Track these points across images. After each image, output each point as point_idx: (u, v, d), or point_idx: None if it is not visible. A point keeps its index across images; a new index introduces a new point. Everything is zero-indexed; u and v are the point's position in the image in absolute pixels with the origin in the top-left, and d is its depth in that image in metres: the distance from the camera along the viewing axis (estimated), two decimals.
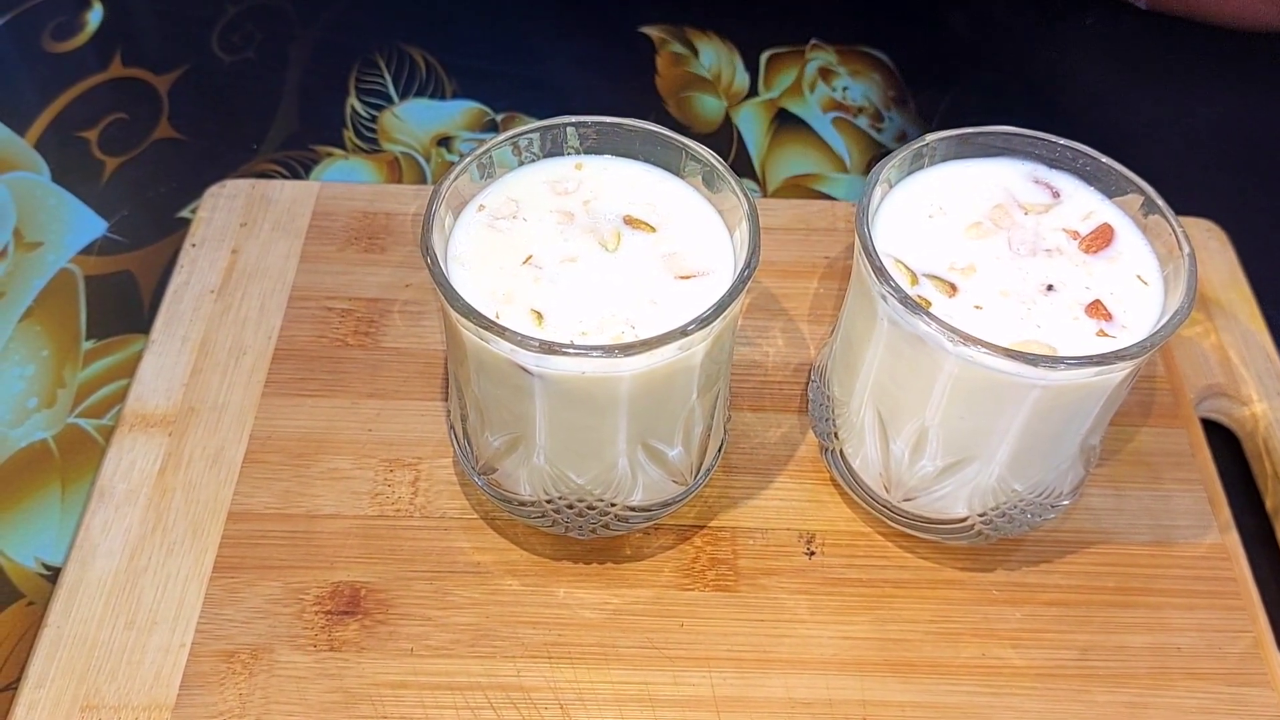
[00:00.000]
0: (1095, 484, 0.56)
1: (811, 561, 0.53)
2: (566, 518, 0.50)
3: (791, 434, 0.58)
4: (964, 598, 0.52)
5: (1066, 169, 0.51)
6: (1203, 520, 0.55)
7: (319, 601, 0.51)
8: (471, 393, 0.48)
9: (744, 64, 0.81)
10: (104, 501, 0.54)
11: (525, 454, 0.48)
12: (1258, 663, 0.51)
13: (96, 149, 0.73)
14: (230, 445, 0.56)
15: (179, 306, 0.61)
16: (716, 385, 0.49)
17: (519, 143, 0.50)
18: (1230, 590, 0.53)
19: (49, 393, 0.61)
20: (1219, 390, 0.61)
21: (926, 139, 0.50)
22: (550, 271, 0.47)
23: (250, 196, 0.66)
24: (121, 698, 0.48)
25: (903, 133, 0.77)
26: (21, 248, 0.67)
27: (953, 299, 0.46)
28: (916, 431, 0.48)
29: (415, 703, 0.48)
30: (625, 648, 0.50)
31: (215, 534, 0.53)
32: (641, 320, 0.45)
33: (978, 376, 0.45)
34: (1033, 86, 0.79)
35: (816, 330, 0.62)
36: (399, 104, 0.77)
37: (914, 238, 0.49)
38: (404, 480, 0.55)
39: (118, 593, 0.51)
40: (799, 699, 0.49)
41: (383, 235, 0.65)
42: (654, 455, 0.49)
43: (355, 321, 0.61)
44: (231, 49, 0.80)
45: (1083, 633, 0.51)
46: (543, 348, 0.42)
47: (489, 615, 0.51)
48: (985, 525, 0.51)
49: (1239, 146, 0.63)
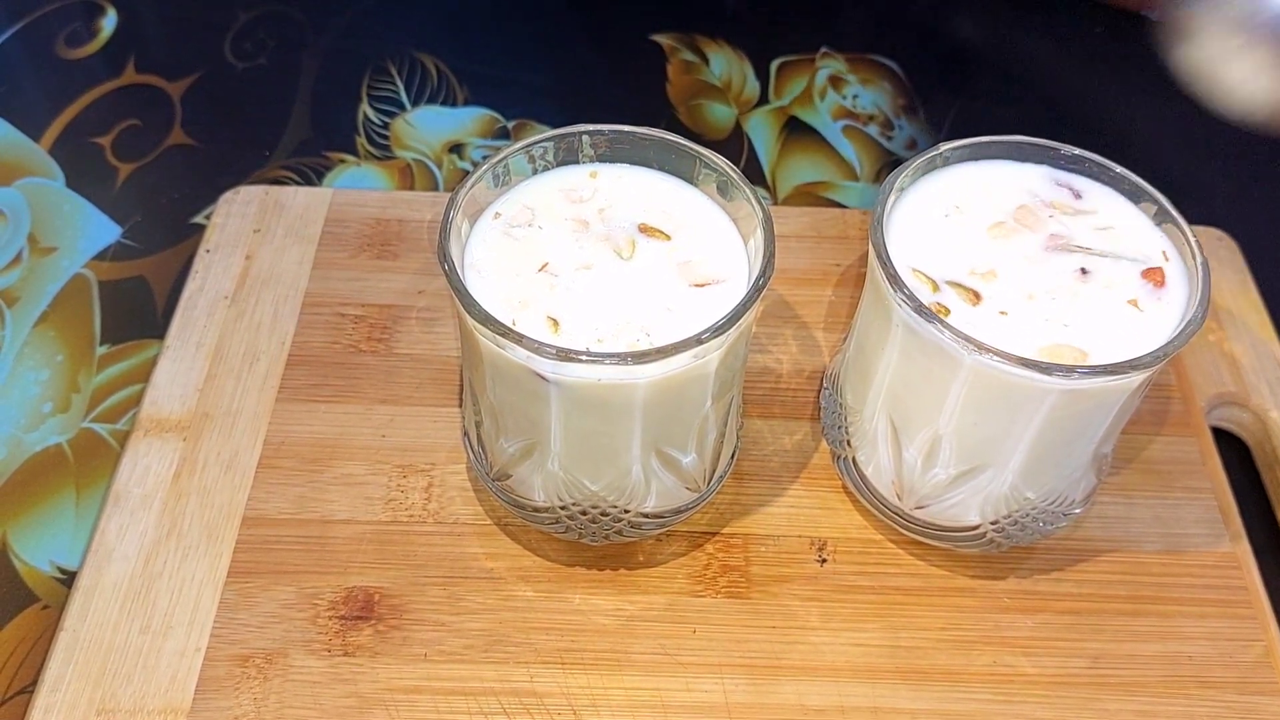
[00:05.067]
0: (1106, 492, 0.56)
1: (823, 569, 0.53)
2: (580, 524, 0.50)
3: (804, 441, 0.58)
4: (976, 605, 0.52)
5: (1083, 175, 0.51)
6: (1213, 529, 0.55)
7: (333, 606, 0.51)
8: (486, 399, 0.48)
9: (754, 72, 0.81)
10: (119, 506, 0.54)
11: (539, 460, 0.48)
12: (1269, 671, 0.51)
13: (110, 155, 0.73)
14: (244, 450, 0.56)
15: (193, 312, 0.61)
16: (730, 392, 0.50)
17: (533, 151, 0.50)
18: (1241, 599, 0.53)
19: (63, 397, 0.61)
20: (1230, 399, 0.61)
21: (940, 148, 0.50)
22: (566, 279, 0.47)
23: (264, 203, 0.67)
24: (137, 702, 0.48)
25: (913, 140, 0.77)
26: (36, 253, 0.67)
27: (976, 307, 0.46)
28: (929, 439, 0.48)
29: (429, 708, 0.48)
30: (638, 654, 0.50)
31: (230, 539, 0.53)
32: (656, 327, 0.45)
33: (992, 384, 0.45)
34: (1042, 95, 0.79)
35: (829, 338, 0.62)
36: (411, 111, 0.77)
37: (930, 241, 0.49)
38: (417, 486, 0.55)
39: (133, 597, 0.51)
40: (811, 706, 0.49)
41: (395, 242, 0.65)
42: (668, 462, 0.49)
43: (368, 328, 0.61)
44: (244, 56, 0.81)
45: (1094, 641, 0.51)
46: (559, 355, 0.42)
47: (502, 621, 0.51)
48: (997, 533, 0.51)
49: (1249, 155, 0.63)
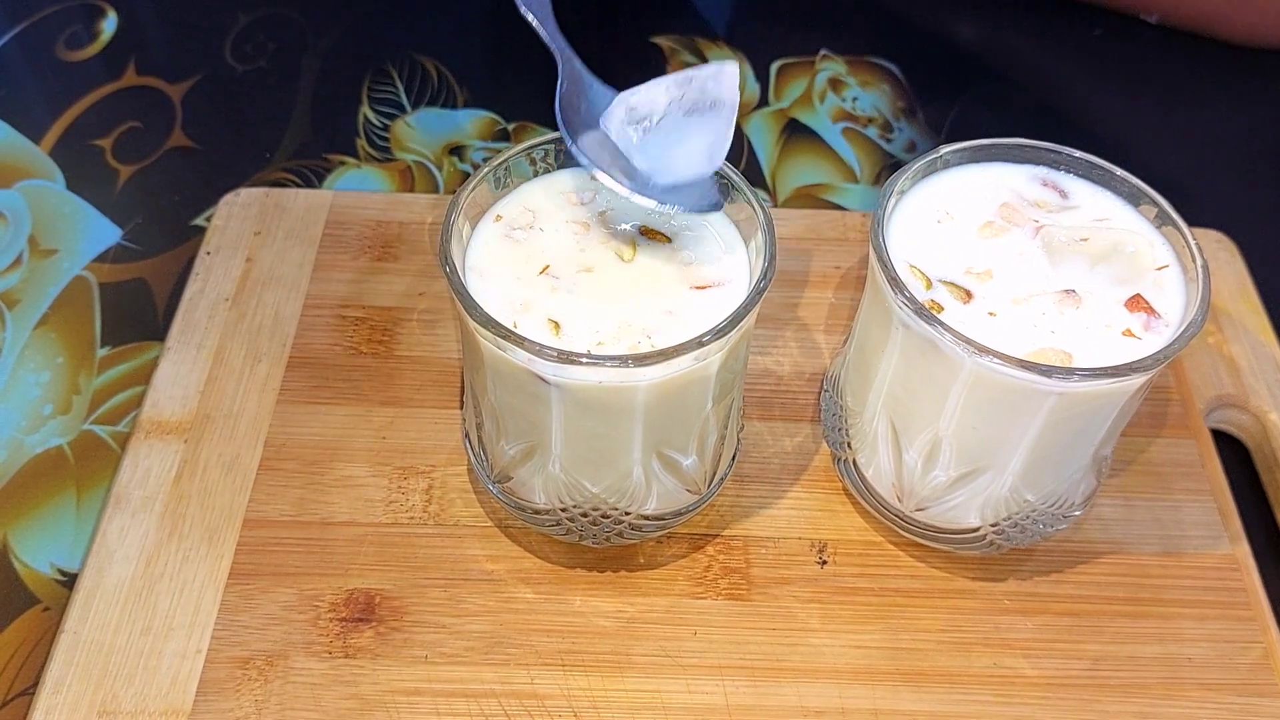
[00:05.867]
0: (1106, 494, 0.56)
1: (824, 571, 0.53)
2: (580, 526, 0.50)
3: (804, 443, 0.58)
4: (976, 608, 0.52)
5: (1080, 178, 0.51)
6: (1213, 531, 0.55)
7: (334, 608, 0.51)
8: (488, 401, 0.48)
9: (754, 74, 0.81)
10: (120, 508, 0.54)
11: (540, 462, 0.49)
12: (1269, 673, 0.51)
13: (111, 157, 0.73)
14: (245, 452, 0.56)
15: (194, 314, 0.61)
16: (731, 395, 0.50)
17: (535, 154, 0.50)
18: (1241, 601, 0.53)
19: (64, 399, 0.61)
20: (1229, 401, 0.61)
21: (940, 151, 0.50)
22: (567, 281, 0.47)
23: (264, 205, 0.67)
24: (138, 703, 0.48)
25: (912, 143, 0.77)
26: (36, 255, 0.68)
27: (967, 305, 0.47)
28: (930, 442, 0.49)
29: (430, 710, 0.48)
30: (638, 656, 0.50)
31: (231, 541, 0.53)
32: (658, 330, 0.45)
33: (992, 387, 0.45)
34: (1041, 98, 0.79)
35: (829, 340, 0.62)
36: (411, 113, 0.77)
37: (926, 243, 0.49)
38: (418, 488, 0.55)
39: (134, 599, 0.51)
40: (811, 708, 0.49)
41: (396, 244, 0.65)
42: (668, 464, 0.49)
43: (369, 330, 0.61)
44: (245, 58, 0.81)
45: (1094, 643, 0.52)
46: (560, 357, 0.43)
47: (503, 623, 0.51)
48: (997, 535, 0.51)
49: (1247, 158, 0.64)
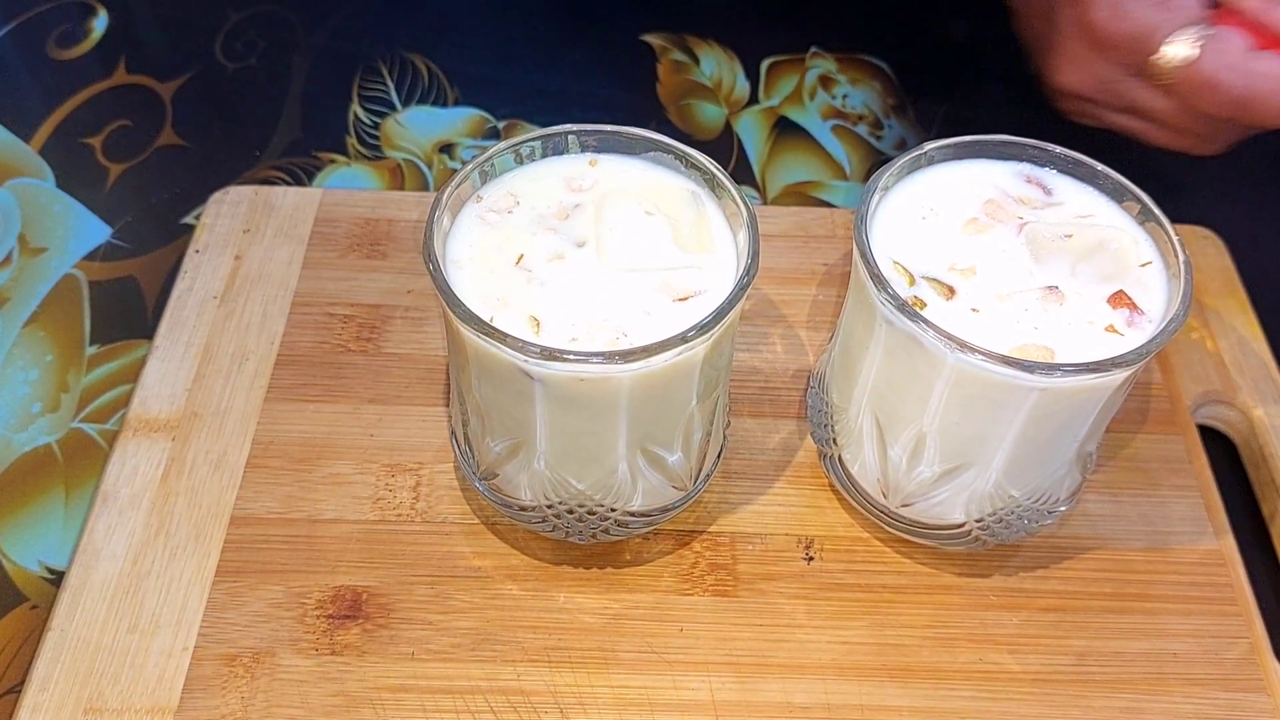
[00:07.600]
0: (1092, 490, 0.56)
1: (810, 567, 0.53)
2: (567, 523, 0.51)
3: (790, 440, 0.58)
4: (961, 603, 0.53)
5: (1064, 174, 0.51)
6: (1199, 526, 0.55)
7: (321, 605, 0.51)
8: (473, 398, 0.48)
9: (744, 72, 0.81)
10: (107, 506, 0.54)
11: (526, 459, 0.49)
12: (1253, 668, 0.51)
13: (101, 155, 0.74)
14: (233, 450, 0.56)
15: (182, 312, 0.62)
16: (716, 391, 0.50)
17: (521, 150, 0.50)
18: (1226, 596, 0.53)
19: (53, 397, 0.61)
20: (1215, 397, 0.61)
21: (925, 148, 0.50)
22: (540, 274, 0.47)
23: (253, 203, 0.67)
24: (124, 701, 0.48)
25: (902, 140, 0.77)
26: (26, 253, 0.68)
27: (950, 301, 0.47)
28: (914, 437, 0.49)
29: (416, 706, 0.48)
30: (625, 652, 0.50)
31: (218, 538, 0.53)
32: (635, 328, 0.45)
33: (975, 383, 0.45)
34: (1031, 95, 0.79)
35: (815, 337, 0.62)
36: (401, 111, 0.77)
37: (910, 240, 0.49)
38: (405, 485, 0.55)
39: (121, 596, 0.51)
40: (797, 704, 0.49)
41: (385, 242, 0.65)
42: (654, 461, 0.49)
43: (357, 327, 0.61)
44: (235, 56, 0.81)
45: (1079, 638, 0.52)
46: (543, 353, 0.43)
47: (489, 620, 0.51)
48: (983, 531, 0.51)
49: (1235, 154, 0.64)
